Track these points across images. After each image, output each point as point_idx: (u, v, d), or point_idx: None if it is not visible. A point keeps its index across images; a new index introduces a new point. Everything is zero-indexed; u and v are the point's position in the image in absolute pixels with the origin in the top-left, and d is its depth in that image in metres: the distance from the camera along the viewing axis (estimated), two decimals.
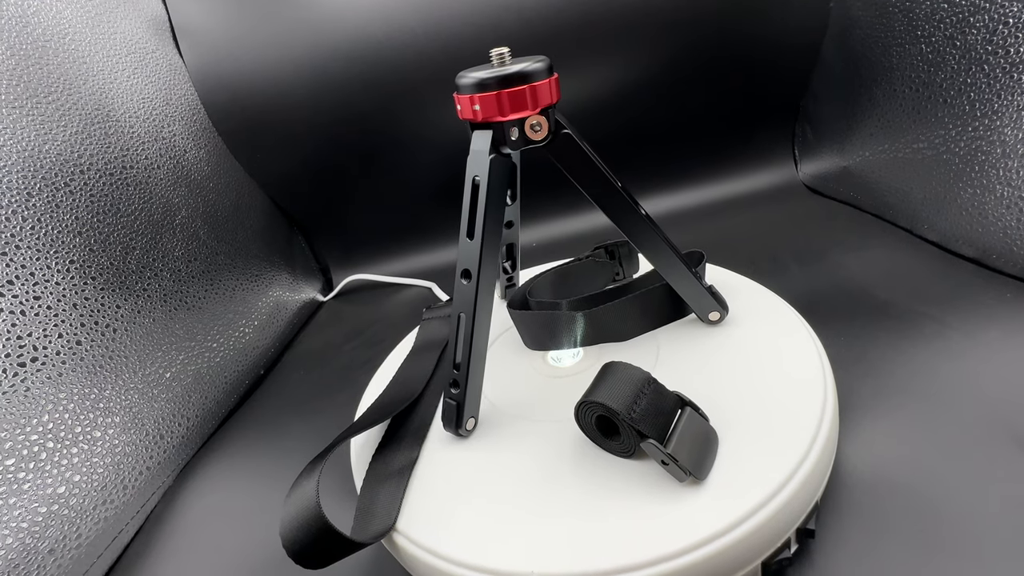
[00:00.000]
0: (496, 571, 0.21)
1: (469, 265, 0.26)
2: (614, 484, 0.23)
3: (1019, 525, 0.22)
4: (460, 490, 0.25)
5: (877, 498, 0.25)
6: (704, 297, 0.31)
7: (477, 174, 0.25)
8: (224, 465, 0.39)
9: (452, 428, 0.28)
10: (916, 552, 0.22)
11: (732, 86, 0.60)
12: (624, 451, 0.24)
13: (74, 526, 0.30)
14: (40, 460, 0.29)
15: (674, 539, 0.20)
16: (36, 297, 0.32)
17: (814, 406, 0.24)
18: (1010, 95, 0.33)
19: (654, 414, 0.22)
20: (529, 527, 0.22)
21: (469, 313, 0.26)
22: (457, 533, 0.23)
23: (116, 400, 0.35)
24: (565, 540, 0.21)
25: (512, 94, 0.24)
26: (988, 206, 0.36)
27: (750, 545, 0.20)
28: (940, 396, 0.29)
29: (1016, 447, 0.25)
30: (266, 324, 0.53)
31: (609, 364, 0.25)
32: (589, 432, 0.25)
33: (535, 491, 0.24)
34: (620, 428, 0.23)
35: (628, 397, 0.22)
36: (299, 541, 0.22)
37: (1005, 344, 0.31)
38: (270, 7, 0.53)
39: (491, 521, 0.23)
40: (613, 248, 0.39)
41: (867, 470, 0.26)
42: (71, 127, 0.38)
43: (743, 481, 0.22)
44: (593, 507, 0.22)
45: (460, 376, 0.27)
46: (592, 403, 0.23)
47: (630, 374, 0.23)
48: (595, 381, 0.24)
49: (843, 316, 0.38)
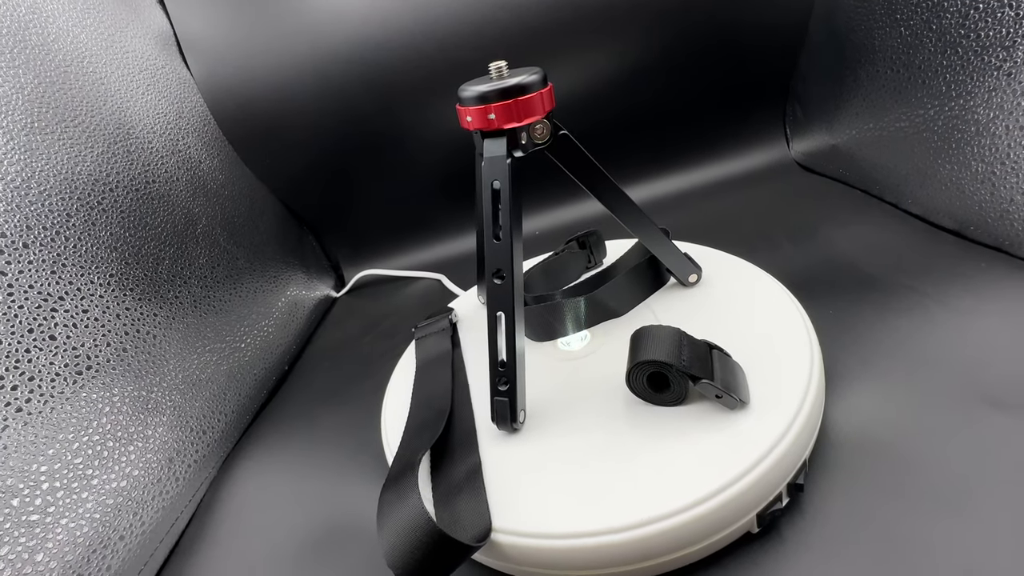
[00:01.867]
0: (611, 528, 0.23)
1: (501, 266, 0.27)
2: (669, 429, 0.26)
3: (989, 474, 0.25)
4: (535, 476, 0.26)
5: (860, 455, 0.27)
6: (683, 262, 0.36)
7: (496, 179, 0.27)
8: (262, 455, 0.42)
9: (506, 424, 0.29)
10: (896, 502, 0.25)
11: (723, 69, 0.62)
12: (674, 400, 0.27)
13: (137, 515, 0.33)
14: (103, 458, 0.32)
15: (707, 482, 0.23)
16: (84, 310, 0.35)
17: (802, 373, 0.27)
18: (981, 76, 0.35)
19: (698, 359, 0.26)
20: (616, 484, 0.24)
21: (509, 311, 0.27)
22: (556, 511, 0.24)
23: (162, 400, 0.38)
24: (652, 484, 0.24)
25: (526, 101, 0.27)
26: (965, 181, 0.38)
27: (745, 500, 0.23)
28: (919, 362, 0.31)
29: (986, 405, 0.28)
30: (287, 322, 0.56)
31: (641, 330, 0.28)
32: (641, 392, 0.28)
33: (603, 454, 0.26)
34: (671, 379, 0.26)
35: (674, 350, 0.26)
36: (413, 558, 0.21)
37: (977, 311, 0.33)
38: (270, 16, 0.55)
39: (581, 491, 0.25)
40: (583, 239, 0.44)
41: (851, 430, 0.29)
42: (97, 148, 0.40)
43: (740, 440, 0.24)
44: (661, 452, 0.25)
45: (508, 373, 0.28)
46: (644, 363, 0.26)
47: (666, 332, 0.27)
48: (636, 346, 0.27)
49: (831, 290, 0.40)
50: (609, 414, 0.28)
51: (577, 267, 0.44)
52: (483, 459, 0.28)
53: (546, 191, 0.64)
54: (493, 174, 0.27)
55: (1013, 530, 0.22)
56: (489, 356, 0.28)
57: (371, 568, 0.29)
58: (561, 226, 0.65)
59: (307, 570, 0.31)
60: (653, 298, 0.37)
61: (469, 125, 0.28)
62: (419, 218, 0.68)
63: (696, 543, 0.23)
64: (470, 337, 0.40)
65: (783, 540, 0.24)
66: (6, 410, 0.29)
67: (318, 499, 0.36)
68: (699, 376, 0.25)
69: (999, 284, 0.35)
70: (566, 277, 0.43)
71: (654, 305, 0.37)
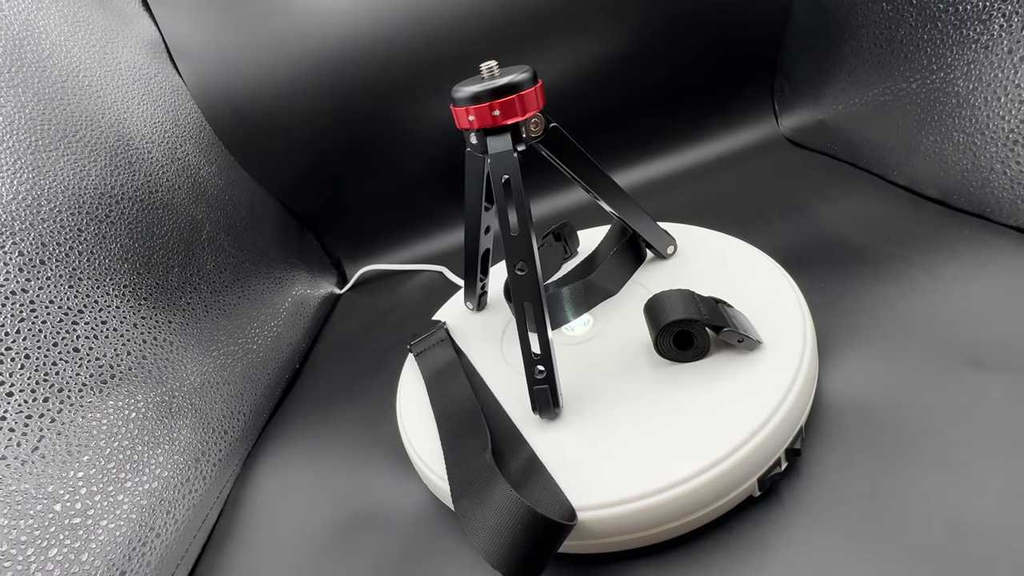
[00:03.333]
0: (670, 484, 0.24)
1: (522, 257, 0.28)
2: (701, 381, 0.28)
3: (971, 430, 0.26)
4: (595, 451, 0.27)
5: (852, 419, 0.29)
6: (661, 236, 0.40)
7: (505, 173, 0.28)
8: (282, 451, 0.44)
9: (549, 411, 0.29)
10: (885, 461, 0.26)
11: (711, 48, 0.63)
12: (698, 354, 0.30)
13: (170, 513, 0.35)
14: (134, 462, 0.34)
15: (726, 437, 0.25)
16: (103, 321, 0.36)
17: (795, 344, 0.29)
18: (960, 49, 0.36)
19: (714, 312, 0.29)
20: (674, 437, 0.26)
21: (535, 300, 0.28)
22: (632, 475, 0.25)
23: (184, 404, 0.39)
24: (708, 429, 0.25)
25: (527, 95, 0.28)
26: (947, 151, 0.40)
27: (746, 465, 0.25)
28: (906, 328, 0.33)
29: (969, 366, 0.30)
30: (294, 321, 0.57)
31: (653, 298, 0.30)
32: (669, 354, 0.30)
33: (651, 415, 0.28)
34: (695, 335, 0.29)
35: (692, 307, 0.29)
36: (518, 552, 0.21)
37: (960, 276, 0.35)
38: (259, 18, 0.55)
39: (646, 452, 0.26)
40: (558, 231, 0.45)
41: (844, 397, 0.30)
42: (100, 161, 0.41)
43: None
44: (703, 403, 0.27)
45: (543, 360, 0.28)
46: (672, 324, 0.29)
47: (678, 293, 0.30)
48: (656, 313, 0.30)
49: (822, 263, 0.41)
50: (637, 383, 0.30)
51: (556, 259, 0.46)
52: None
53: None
54: (502, 169, 0.28)
55: (993, 481, 0.24)
56: (521, 347, 0.28)
57: (396, 552, 0.31)
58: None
59: (335, 557, 0.33)
60: (642, 278, 0.39)
61: (472, 124, 0.28)
62: (417, 212, 0.68)
63: (706, 506, 0.25)
64: (467, 344, 0.39)
65: (782, 502, 0.26)
66: (41, 421, 0.30)
67: (340, 489, 0.37)
68: (721, 326, 0.28)
69: (981, 250, 0.36)
70: (549, 269, 0.44)
71: (645, 282, 0.39)
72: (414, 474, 0.35)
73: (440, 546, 0.31)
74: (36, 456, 0.29)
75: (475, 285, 0.42)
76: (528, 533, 0.22)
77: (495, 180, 0.28)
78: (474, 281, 0.41)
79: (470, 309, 0.44)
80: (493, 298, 0.44)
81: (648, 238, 0.39)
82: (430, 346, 0.39)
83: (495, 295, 0.44)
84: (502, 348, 0.38)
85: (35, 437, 0.29)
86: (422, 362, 0.38)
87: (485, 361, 0.37)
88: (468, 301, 0.44)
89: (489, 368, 0.36)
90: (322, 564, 0.32)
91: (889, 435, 0.28)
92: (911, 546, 0.23)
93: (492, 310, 0.43)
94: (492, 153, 0.28)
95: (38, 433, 0.30)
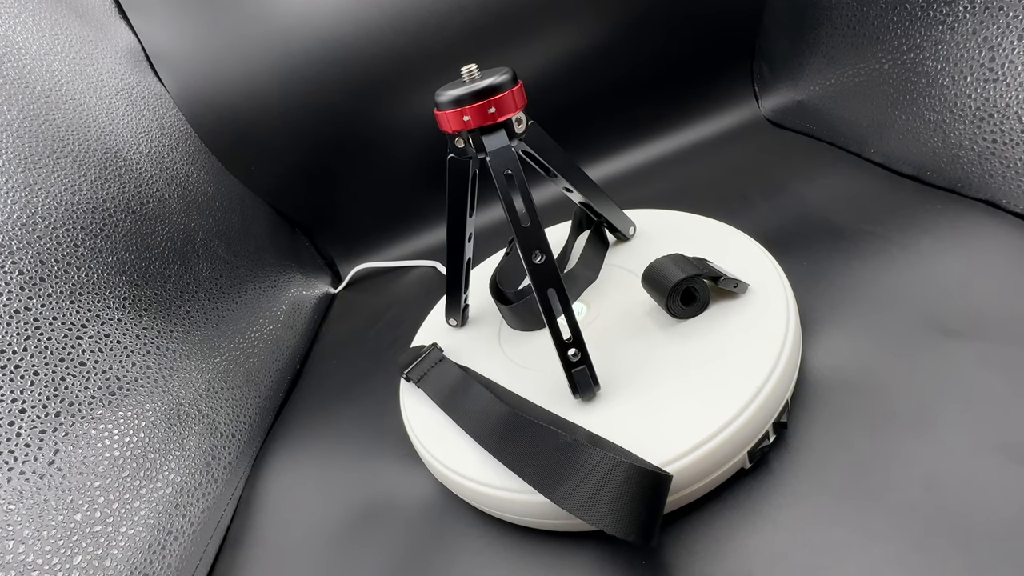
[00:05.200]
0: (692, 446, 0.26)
1: (537, 246, 0.28)
2: (716, 331, 0.31)
3: (946, 395, 0.28)
4: (639, 418, 0.28)
5: (835, 391, 0.31)
6: (624, 218, 0.43)
7: (507, 168, 0.28)
8: (289, 451, 0.45)
9: (590, 391, 0.30)
10: (867, 428, 0.28)
11: (689, 34, 0.63)
12: (700, 308, 0.32)
13: (186, 516, 0.36)
14: (147, 469, 0.35)
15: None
16: (107, 335, 0.36)
17: (779, 322, 0.30)
18: (928, 30, 0.38)
19: (706, 266, 0.32)
20: (720, 384, 0.27)
21: (557, 285, 0.29)
22: (686, 426, 0.27)
23: (191, 411, 0.40)
24: (698, 408, 0.27)
25: (516, 92, 0.29)
26: (919, 129, 0.41)
27: (736, 440, 0.26)
28: (883, 303, 0.35)
29: (942, 335, 0.31)
30: (292, 323, 0.58)
31: (649, 267, 0.33)
32: (679, 312, 0.33)
33: (689, 369, 0.29)
34: (698, 289, 0.32)
35: (690, 265, 0.32)
36: (634, 510, 0.21)
37: (934, 250, 0.36)
38: (238, 22, 0.55)
39: (705, 394, 0.28)
40: None
41: (826, 370, 0.32)
42: (90, 175, 0.41)
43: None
44: (689, 386, 0.29)
45: (576, 343, 0.29)
46: (681, 282, 0.31)
47: (671, 257, 0.33)
48: (658, 279, 0.32)
49: (803, 243, 0.43)
50: (652, 351, 0.32)
51: (519, 262, 0.46)
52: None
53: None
54: (504, 165, 0.28)
55: (964, 440, 0.26)
56: (552, 335, 0.29)
57: (409, 544, 0.33)
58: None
59: (349, 551, 0.34)
60: (617, 260, 0.42)
61: (467, 124, 0.29)
62: (408, 208, 0.69)
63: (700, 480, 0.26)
64: (464, 357, 0.38)
65: (771, 472, 0.28)
66: (55, 435, 0.31)
67: (349, 485, 0.39)
68: (718, 276, 0.31)
69: (953, 224, 0.38)
70: (519, 274, 0.45)
71: (621, 264, 0.41)
72: (422, 466, 0.36)
73: (452, 536, 0.32)
74: (53, 469, 0.30)
75: (460, 299, 0.41)
76: (640, 490, 0.21)
77: (497, 176, 0.29)
78: (459, 295, 0.40)
79: (453, 326, 0.42)
80: (472, 310, 0.43)
81: (614, 223, 0.42)
82: (429, 369, 0.37)
83: (476, 307, 0.43)
84: (503, 350, 0.38)
85: (51, 451, 0.30)
86: (426, 387, 0.36)
87: (491, 367, 0.36)
88: (451, 318, 0.42)
89: (498, 372, 0.36)
90: (336, 558, 0.34)
91: (870, 404, 0.29)
92: (891, 503, 0.25)
93: (473, 321, 0.42)
94: (491, 150, 0.29)
95: (53, 447, 0.30)
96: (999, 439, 0.25)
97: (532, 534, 0.30)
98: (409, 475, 0.37)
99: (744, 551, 0.25)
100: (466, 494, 0.31)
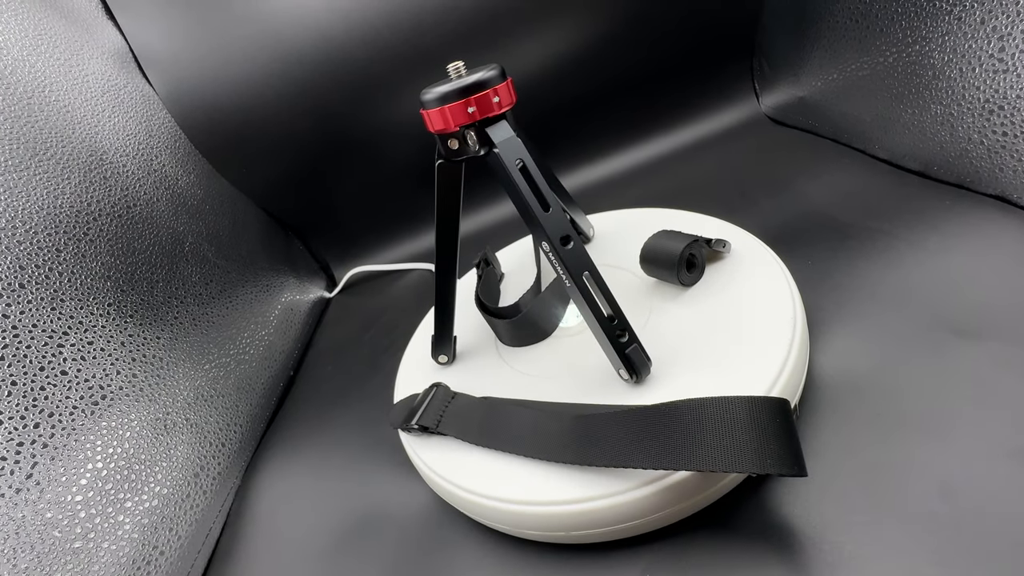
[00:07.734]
0: None
1: (565, 231, 0.27)
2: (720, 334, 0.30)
3: (961, 398, 0.27)
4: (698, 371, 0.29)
5: (844, 394, 0.29)
6: (585, 221, 0.45)
7: (519, 157, 0.27)
8: (282, 460, 0.43)
9: (644, 369, 0.29)
10: (878, 432, 0.27)
11: (688, 31, 0.62)
12: (700, 273, 0.34)
13: (173, 530, 0.35)
14: (132, 481, 0.34)
15: None
16: (90, 342, 0.35)
17: (786, 324, 0.29)
18: (934, 21, 0.37)
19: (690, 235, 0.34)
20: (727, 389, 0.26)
21: (591, 268, 0.28)
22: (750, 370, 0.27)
23: (178, 420, 0.39)
24: (752, 373, 0.27)
25: (510, 83, 0.28)
26: (926, 123, 0.40)
27: None
28: (891, 302, 0.34)
29: (953, 335, 0.30)
30: (285, 328, 0.57)
31: (647, 246, 0.35)
32: (687, 279, 0.34)
33: (713, 341, 0.30)
34: (697, 254, 0.34)
35: (683, 236, 0.34)
36: (780, 434, 0.20)
37: (942, 247, 0.35)
38: (228, 21, 0.54)
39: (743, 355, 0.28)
40: (486, 258, 0.47)
41: (835, 373, 0.31)
42: (74, 178, 0.40)
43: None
44: (726, 354, 0.29)
45: (620, 323, 0.28)
46: (685, 248, 0.33)
47: (666, 233, 0.35)
48: (661, 254, 0.34)
49: (808, 241, 0.42)
50: (664, 337, 0.32)
51: (495, 282, 0.46)
52: None
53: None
54: (515, 153, 0.27)
55: (981, 445, 0.25)
56: (597, 320, 0.28)
57: (404, 556, 0.31)
58: None
59: (341, 564, 0.33)
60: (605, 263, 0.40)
61: (472, 116, 0.27)
62: (402, 210, 0.68)
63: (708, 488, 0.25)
64: (467, 387, 0.34)
65: (780, 480, 0.27)
66: (33, 448, 0.30)
67: (342, 495, 0.37)
68: (710, 239, 0.34)
69: (962, 220, 0.37)
70: (494, 293, 0.44)
71: (605, 263, 0.39)
72: (417, 476, 0.35)
73: (447, 548, 0.31)
74: (31, 483, 0.29)
75: (450, 333, 0.37)
76: (770, 419, 0.20)
77: (511, 168, 0.27)
78: (450, 327, 0.37)
79: (443, 364, 0.38)
80: None
81: (579, 225, 0.43)
82: (442, 412, 0.32)
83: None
84: (510, 365, 0.35)
85: (28, 464, 0.29)
86: (448, 429, 0.31)
87: (509, 387, 0.33)
88: (440, 356, 0.38)
89: (520, 389, 0.33)
90: (330, 571, 0.32)
91: (881, 407, 0.28)
92: (907, 512, 0.23)
93: (460, 350, 0.39)
94: (500, 141, 0.27)
95: (31, 460, 0.29)
96: (1016, 443, 0.24)
97: (529, 546, 0.29)
98: (404, 485, 0.36)
99: (751, 565, 0.24)
100: (462, 505, 0.30)
